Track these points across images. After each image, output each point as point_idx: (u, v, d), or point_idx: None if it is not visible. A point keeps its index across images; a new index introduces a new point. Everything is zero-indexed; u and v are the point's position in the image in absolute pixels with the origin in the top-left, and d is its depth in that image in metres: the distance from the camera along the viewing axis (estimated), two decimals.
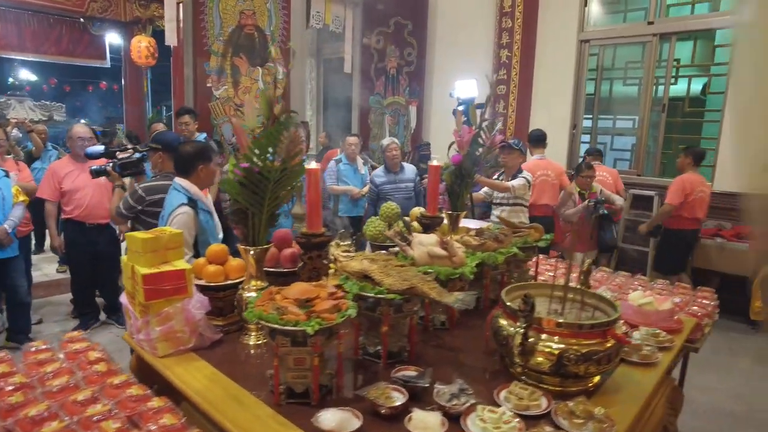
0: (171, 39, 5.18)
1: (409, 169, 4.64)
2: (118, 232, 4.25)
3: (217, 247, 1.92)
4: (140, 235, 1.69)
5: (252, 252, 1.74)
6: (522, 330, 1.45)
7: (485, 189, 4.32)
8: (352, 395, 1.46)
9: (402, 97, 6.99)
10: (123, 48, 8.40)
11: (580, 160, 4.71)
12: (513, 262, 2.35)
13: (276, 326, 1.33)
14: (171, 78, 6.09)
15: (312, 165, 1.86)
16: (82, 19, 8.29)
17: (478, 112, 2.54)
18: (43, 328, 4.35)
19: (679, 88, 5.33)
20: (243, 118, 1.77)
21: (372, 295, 1.55)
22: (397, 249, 2.03)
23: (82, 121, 14.67)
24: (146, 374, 1.75)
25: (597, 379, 1.62)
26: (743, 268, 4.51)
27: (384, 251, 2.19)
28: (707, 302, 2.59)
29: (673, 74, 5.30)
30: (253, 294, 1.73)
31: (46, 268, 5.96)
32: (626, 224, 5.41)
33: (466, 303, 1.50)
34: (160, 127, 4.84)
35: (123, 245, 4.11)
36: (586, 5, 5.66)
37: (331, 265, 1.91)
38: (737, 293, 4.62)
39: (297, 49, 5.86)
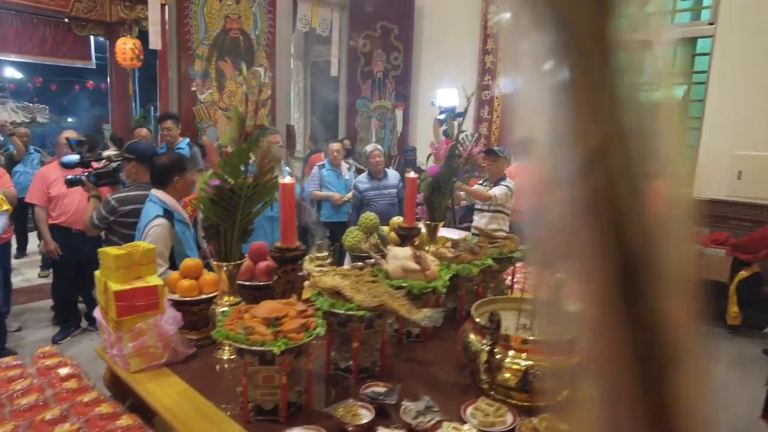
0: (155, 42, 5.15)
1: (393, 176, 4.66)
2: (104, 238, 4.23)
3: (191, 262, 1.92)
4: (113, 251, 1.69)
5: (225, 268, 1.75)
6: (488, 347, 1.48)
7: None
8: (320, 412, 1.47)
9: (388, 101, 7.01)
10: (108, 48, 8.33)
11: None
12: (489, 273, 2.38)
13: (243, 346, 1.34)
14: (157, 79, 6.06)
15: (286, 180, 1.87)
16: (66, 20, 8.20)
17: (456, 122, 2.57)
18: (24, 335, 4.32)
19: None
20: (229, 122, 1.78)
21: (342, 312, 1.57)
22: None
23: (69, 119, 14.53)
24: (120, 388, 1.75)
25: (565, 393, 1.65)
26: (722, 274, 4.59)
27: (361, 262, 2.22)
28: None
29: None
30: (227, 309, 1.74)
31: (27, 272, 5.90)
32: None
33: (434, 320, 1.53)
34: (143, 132, 4.82)
35: None
36: None
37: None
38: (715, 299, 4.71)
39: (283, 52, 5.85)
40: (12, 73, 13.33)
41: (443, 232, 3.04)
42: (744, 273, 4.44)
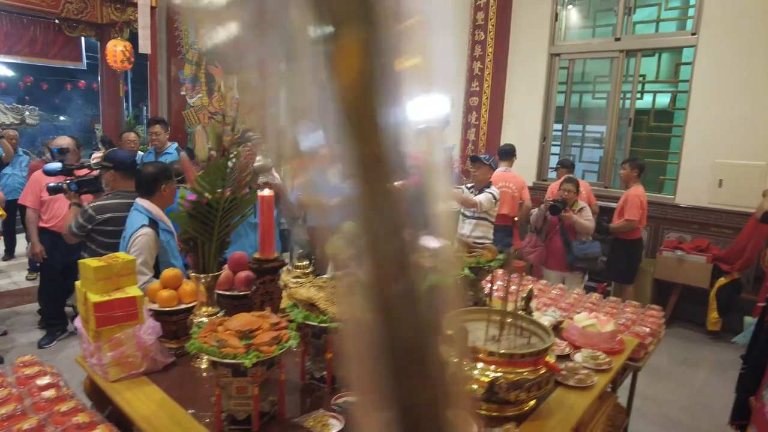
0: (144, 47, 5.17)
1: None
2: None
3: (170, 272, 1.96)
4: (92, 263, 1.72)
5: (203, 279, 1.79)
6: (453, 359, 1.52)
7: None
8: (293, 422, 1.52)
9: None
10: (99, 49, 8.31)
11: (551, 171, 4.82)
12: (467, 282, 2.44)
13: (216, 359, 1.38)
14: (148, 81, 6.08)
15: (265, 192, 1.91)
16: (56, 21, 8.17)
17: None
18: (11, 339, 4.32)
19: (646, 103, 5.49)
20: (219, 125, 1.82)
21: (316, 324, 1.61)
22: None
23: (61, 118, 14.46)
24: (100, 396, 1.79)
25: (532, 403, 1.71)
26: (702, 280, 4.67)
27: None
28: (654, 320, 2.70)
29: (639, 89, 5.45)
30: (204, 319, 1.77)
31: (15, 275, 5.89)
32: (594, 236, 5.54)
33: None
34: (131, 137, 4.83)
35: None
36: (557, 20, 5.79)
37: None
38: (696, 304, 4.79)
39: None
40: (2, 74, 13.26)
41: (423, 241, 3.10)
42: (723, 280, 4.52)
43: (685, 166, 5.05)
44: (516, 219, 4.77)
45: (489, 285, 2.72)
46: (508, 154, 4.85)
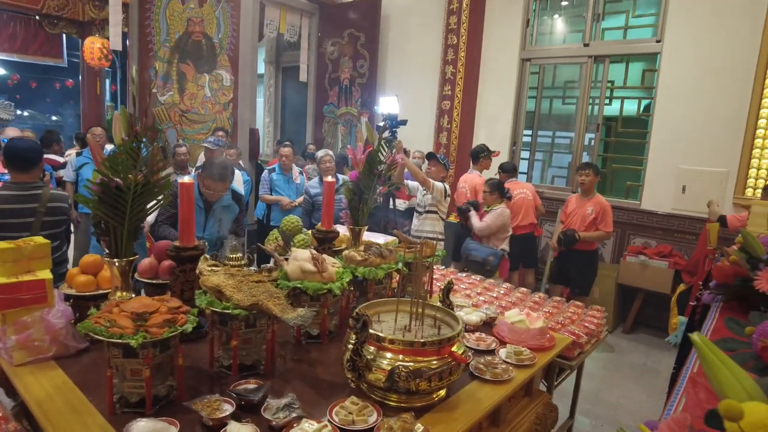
0: (116, 43, 5.18)
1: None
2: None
3: (90, 258, 1.95)
4: (0, 245, 1.71)
5: (116, 263, 1.78)
6: (351, 346, 1.52)
7: (412, 185, 4.45)
8: (185, 406, 1.50)
9: (354, 108, 7.08)
10: (80, 47, 8.31)
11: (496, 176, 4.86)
12: (406, 277, 2.44)
13: (102, 338, 1.38)
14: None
15: (185, 179, 1.91)
16: (37, 17, 8.18)
17: (375, 129, 2.63)
18: None
19: (615, 109, 5.54)
20: (188, 124, 1.82)
21: (218, 310, 1.61)
22: None
23: (54, 117, 14.37)
24: (9, 383, 1.77)
25: (442, 393, 1.70)
26: (664, 286, 4.69)
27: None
28: (594, 320, 2.70)
29: (608, 95, 5.51)
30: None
31: None
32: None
33: (305, 320, 1.56)
34: (98, 131, 4.81)
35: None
36: (528, 25, 5.84)
37: None
38: (660, 310, 4.81)
39: (247, 57, 5.89)
40: None
41: (372, 237, 3.10)
42: (683, 286, 4.54)
43: (651, 172, 5.10)
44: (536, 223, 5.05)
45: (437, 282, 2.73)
46: (512, 169, 5.11)
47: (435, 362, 1.57)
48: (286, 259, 2.04)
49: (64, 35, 8.66)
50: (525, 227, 4.93)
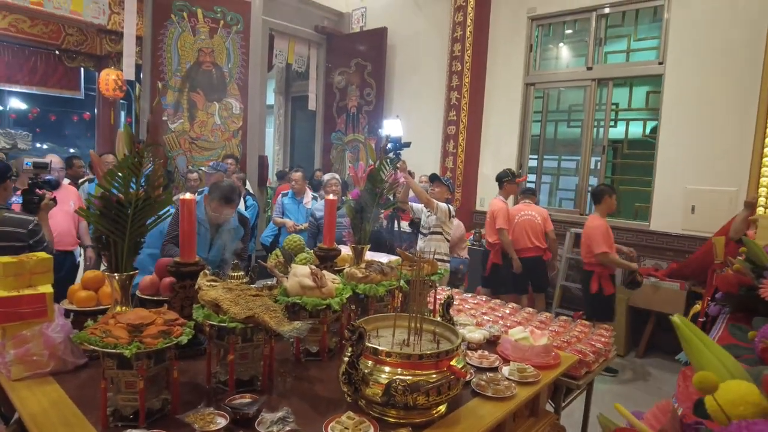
0: (129, 74, 5.34)
1: None
2: (80, 259, 4.29)
3: (91, 274, 1.97)
4: (3, 259, 1.74)
5: (116, 277, 1.79)
6: (347, 358, 1.50)
7: (417, 207, 4.47)
8: (178, 419, 1.48)
9: (361, 135, 7.18)
10: (96, 80, 8.61)
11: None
12: (408, 295, 2.42)
13: (96, 348, 1.37)
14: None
15: (186, 196, 1.94)
16: (57, 51, 8.50)
17: (376, 147, 2.65)
18: None
19: (620, 131, 5.55)
20: (198, 151, 1.87)
21: (215, 323, 1.60)
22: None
23: (71, 150, 14.74)
24: (7, 398, 1.76)
25: (441, 409, 1.66)
26: (677, 307, 4.59)
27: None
28: (602, 339, 2.64)
29: (613, 117, 5.52)
30: None
31: None
32: (569, 263, 5.50)
33: (301, 332, 1.55)
34: (110, 158, 4.92)
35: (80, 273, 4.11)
36: (532, 50, 5.93)
37: None
38: (673, 332, 4.68)
39: (256, 86, 6.04)
40: (15, 106, 13.66)
41: (376, 256, 3.09)
42: (698, 306, 4.43)
43: (659, 193, 5.05)
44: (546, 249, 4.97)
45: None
46: (529, 192, 5.19)
47: (433, 376, 1.54)
48: (287, 277, 2.04)
49: (81, 68, 8.97)
50: (531, 250, 4.89)
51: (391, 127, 3.92)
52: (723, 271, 2.11)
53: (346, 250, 2.76)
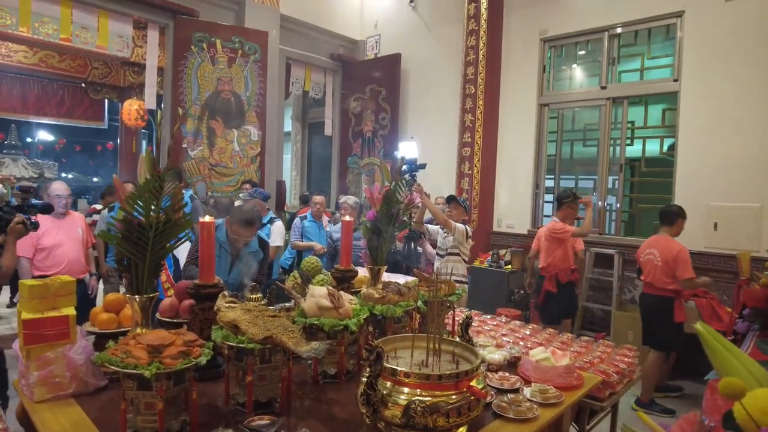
0: (150, 103, 5.50)
1: None
2: (90, 289, 4.27)
3: (113, 296, 2.00)
4: (28, 282, 1.78)
5: (137, 300, 1.81)
6: (365, 379, 1.48)
7: (432, 229, 4.43)
8: None
9: (377, 158, 7.25)
10: (119, 110, 8.91)
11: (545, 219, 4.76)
12: (427, 316, 2.39)
13: (117, 368, 1.39)
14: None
15: (206, 218, 1.97)
16: (83, 84, 8.82)
17: (391, 170, 2.67)
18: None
19: (637, 150, 5.50)
20: (218, 177, 1.91)
21: (233, 344, 1.61)
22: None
23: (95, 179, 15.18)
24: (29, 421, 1.78)
25: (463, 431, 1.63)
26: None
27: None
28: (626, 359, 2.57)
29: (629, 136, 5.48)
30: None
31: (14, 321, 6.00)
32: (590, 283, 5.41)
33: (318, 353, 1.55)
34: (130, 187, 5.02)
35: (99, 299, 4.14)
36: (545, 71, 5.96)
37: None
38: (701, 353, 4.52)
39: (273, 113, 6.17)
40: (43, 138, 14.19)
41: (393, 277, 3.08)
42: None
43: None
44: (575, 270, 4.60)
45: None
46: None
47: (453, 397, 1.52)
48: (304, 299, 2.04)
49: (105, 100, 9.29)
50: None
51: (407, 149, 3.95)
52: (750, 287, 2.05)
53: (363, 272, 2.76)
